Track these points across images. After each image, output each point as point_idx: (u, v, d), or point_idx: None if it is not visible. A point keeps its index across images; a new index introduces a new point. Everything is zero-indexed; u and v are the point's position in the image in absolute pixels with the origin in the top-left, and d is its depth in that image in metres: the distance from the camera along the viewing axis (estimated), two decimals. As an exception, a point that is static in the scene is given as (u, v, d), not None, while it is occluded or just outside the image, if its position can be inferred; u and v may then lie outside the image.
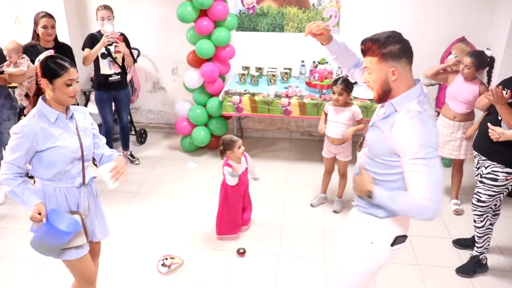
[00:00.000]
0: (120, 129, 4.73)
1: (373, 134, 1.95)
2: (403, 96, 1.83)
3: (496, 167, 2.92)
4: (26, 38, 4.03)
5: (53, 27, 3.73)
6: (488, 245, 3.17)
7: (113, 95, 4.39)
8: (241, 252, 3.38)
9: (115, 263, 3.26)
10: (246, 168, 3.47)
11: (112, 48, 4.14)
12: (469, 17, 4.62)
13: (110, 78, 4.24)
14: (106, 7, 4.12)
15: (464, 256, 3.35)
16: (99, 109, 4.45)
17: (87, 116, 2.39)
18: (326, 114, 3.75)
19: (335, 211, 3.95)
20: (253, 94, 4.50)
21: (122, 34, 4.16)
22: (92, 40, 4.10)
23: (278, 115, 4.46)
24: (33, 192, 2.18)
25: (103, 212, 2.53)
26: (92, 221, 2.41)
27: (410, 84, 1.84)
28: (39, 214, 2.11)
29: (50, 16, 3.72)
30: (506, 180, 2.92)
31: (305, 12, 4.88)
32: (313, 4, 4.82)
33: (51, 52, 3.65)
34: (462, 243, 3.48)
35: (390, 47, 1.78)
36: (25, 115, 3.82)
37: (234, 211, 3.50)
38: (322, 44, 2.21)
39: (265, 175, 4.52)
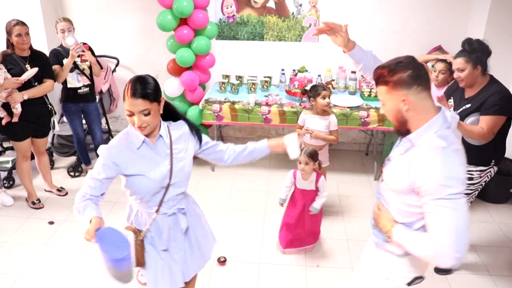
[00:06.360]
0: (95, 147, 4.54)
1: (391, 169, 1.78)
2: (421, 130, 1.65)
3: (469, 167, 3.01)
4: (1, 46, 3.93)
5: (27, 34, 3.64)
6: None
7: (82, 108, 4.27)
8: (222, 261, 3.36)
9: (94, 273, 3.21)
10: (315, 191, 3.41)
11: (78, 60, 4.04)
12: (445, 26, 4.74)
13: (79, 91, 4.14)
14: (66, 19, 3.99)
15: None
16: (68, 121, 4.33)
17: (187, 133, 2.15)
18: (301, 127, 3.78)
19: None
20: (233, 103, 4.51)
21: (85, 44, 4.09)
22: (56, 56, 3.99)
23: (259, 123, 4.48)
24: (95, 208, 1.92)
25: (194, 245, 2.26)
26: (183, 258, 2.21)
27: (429, 114, 1.66)
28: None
29: (23, 23, 3.61)
30: (480, 177, 3.05)
31: (285, 21, 4.92)
32: (293, 13, 4.87)
33: (35, 70, 3.62)
34: None
35: (399, 73, 1.62)
36: (2, 126, 3.76)
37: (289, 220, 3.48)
38: (344, 52, 2.12)
39: (246, 184, 4.52)
